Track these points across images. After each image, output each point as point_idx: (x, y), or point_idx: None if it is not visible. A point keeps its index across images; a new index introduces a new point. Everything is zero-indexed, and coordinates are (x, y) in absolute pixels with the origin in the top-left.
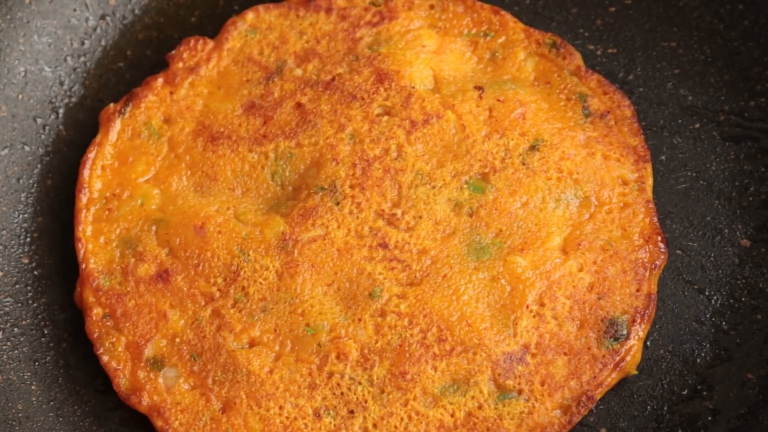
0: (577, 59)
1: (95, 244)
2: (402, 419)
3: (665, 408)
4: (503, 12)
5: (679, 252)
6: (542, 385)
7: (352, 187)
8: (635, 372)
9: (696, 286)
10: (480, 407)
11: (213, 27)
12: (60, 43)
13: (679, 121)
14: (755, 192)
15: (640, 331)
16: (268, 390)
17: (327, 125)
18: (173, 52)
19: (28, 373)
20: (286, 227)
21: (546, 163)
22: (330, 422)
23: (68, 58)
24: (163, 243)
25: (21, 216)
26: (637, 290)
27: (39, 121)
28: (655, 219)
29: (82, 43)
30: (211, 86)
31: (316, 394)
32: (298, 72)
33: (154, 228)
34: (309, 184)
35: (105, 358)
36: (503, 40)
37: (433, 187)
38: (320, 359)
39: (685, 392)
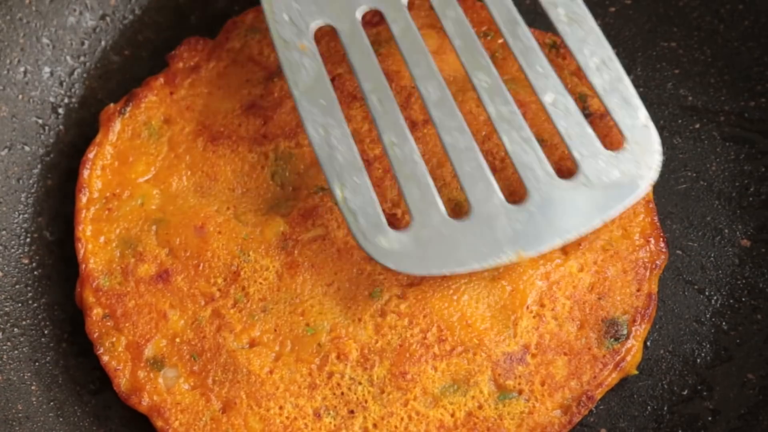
0: None
1: (95, 244)
2: (402, 419)
3: (665, 408)
4: None
5: (679, 252)
6: (542, 385)
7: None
8: (635, 372)
9: (696, 287)
10: (480, 407)
11: (213, 27)
12: (60, 43)
13: (679, 121)
14: (755, 192)
15: (640, 331)
16: (269, 390)
17: None
18: (173, 52)
19: (28, 374)
20: (286, 227)
21: None
22: (330, 422)
23: (68, 58)
24: (163, 243)
25: (21, 216)
26: (638, 290)
27: (39, 121)
28: (656, 219)
29: (82, 43)
30: (211, 86)
31: (316, 394)
32: None
33: (154, 228)
34: (309, 184)
35: (105, 358)
36: (503, 41)
37: None
38: (320, 359)
39: (685, 392)
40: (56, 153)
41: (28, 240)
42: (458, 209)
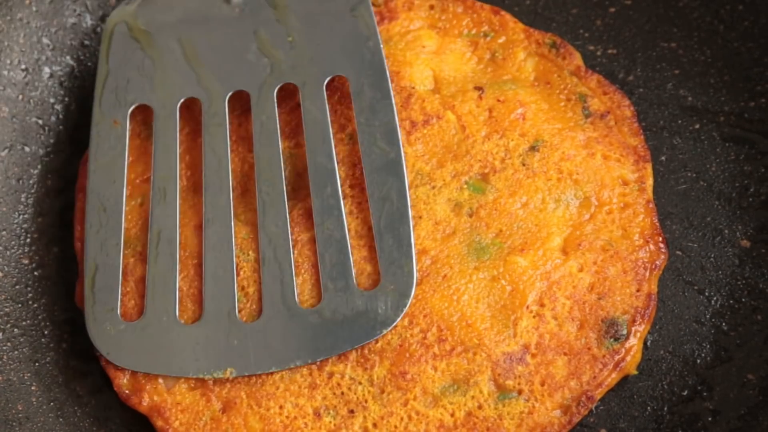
0: (577, 59)
1: None
2: (402, 419)
3: (665, 408)
4: (503, 12)
5: (679, 253)
6: (542, 385)
7: (352, 186)
8: (635, 372)
9: (696, 287)
10: (480, 407)
11: None
12: (60, 43)
13: (679, 121)
14: (755, 192)
15: (640, 331)
16: (269, 390)
17: None
18: None
19: (28, 374)
20: None
21: (546, 163)
22: (330, 422)
23: (68, 58)
24: None
25: (21, 216)
26: (638, 290)
27: (39, 121)
28: (656, 219)
29: (82, 44)
30: None
31: (316, 394)
32: None
33: None
34: (309, 184)
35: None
36: (503, 41)
37: (433, 187)
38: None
39: (685, 393)
40: (56, 153)
41: (28, 240)
42: (458, 209)
